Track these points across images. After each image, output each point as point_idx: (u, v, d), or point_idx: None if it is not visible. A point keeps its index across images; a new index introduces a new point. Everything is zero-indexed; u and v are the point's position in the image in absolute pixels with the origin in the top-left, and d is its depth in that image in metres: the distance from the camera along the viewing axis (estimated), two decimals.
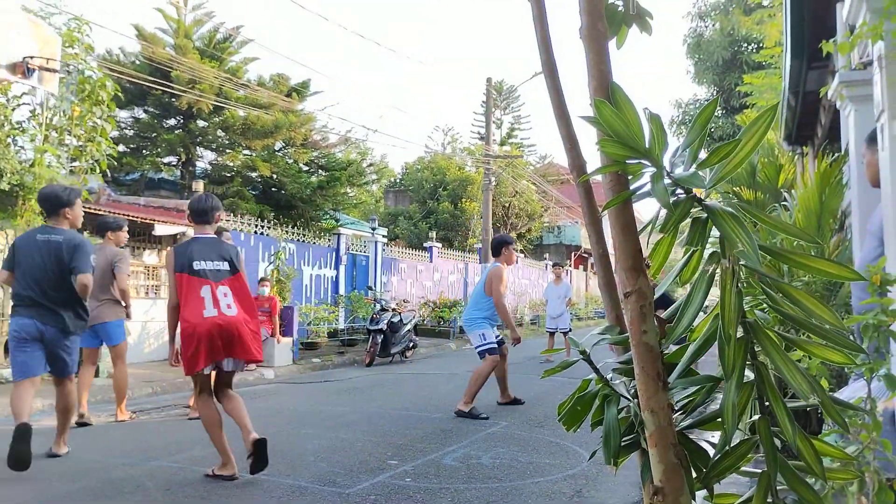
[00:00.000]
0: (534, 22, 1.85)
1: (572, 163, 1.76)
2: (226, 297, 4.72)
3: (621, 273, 1.48)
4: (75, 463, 4.97)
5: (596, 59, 1.60)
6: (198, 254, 4.74)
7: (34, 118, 9.79)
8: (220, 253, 4.84)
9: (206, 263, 4.73)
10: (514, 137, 39.08)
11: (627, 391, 1.52)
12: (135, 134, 17.97)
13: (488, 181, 23.33)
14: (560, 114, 1.82)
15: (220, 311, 4.64)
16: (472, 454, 5.28)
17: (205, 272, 4.71)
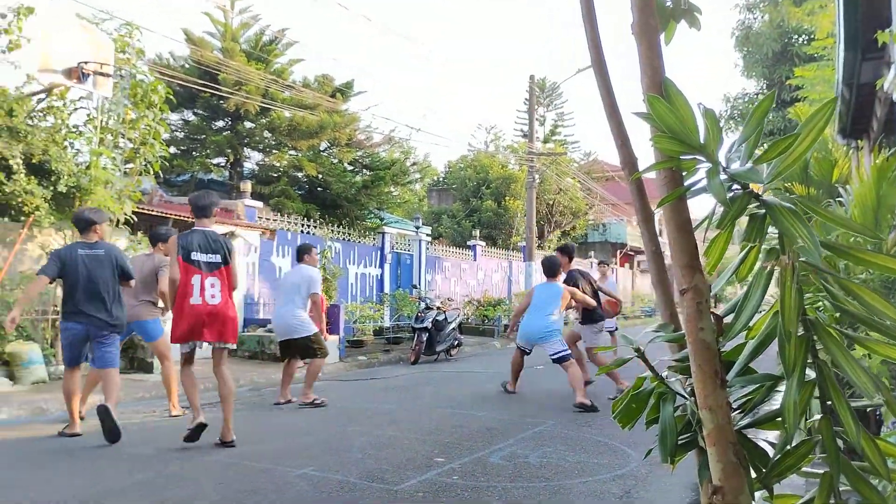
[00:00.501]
0: (583, 20, 1.84)
1: (624, 160, 1.75)
2: (213, 286, 5.42)
3: (677, 270, 1.46)
4: (131, 456, 5.11)
5: (648, 55, 1.59)
6: (196, 245, 5.42)
7: (90, 122, 10.09)
8: (216, 246, 5.49)
9: (202, 255, 5.42)
10: (557, 134, 38.81)
11: (683, 389, 1.50)
12: (185, 136, 18.40)
13: (532, 179, 23.23)
14: (611, 111, 1.80)
15: (205, 299, 5.38)
16: (519, 453, 5.27)
17: (199, 263, 5.40)
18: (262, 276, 13.87)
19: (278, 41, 18.72)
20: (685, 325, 1.43)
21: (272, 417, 7.04)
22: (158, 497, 4.06)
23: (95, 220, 5.98)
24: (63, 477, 4.56)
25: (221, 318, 5.45)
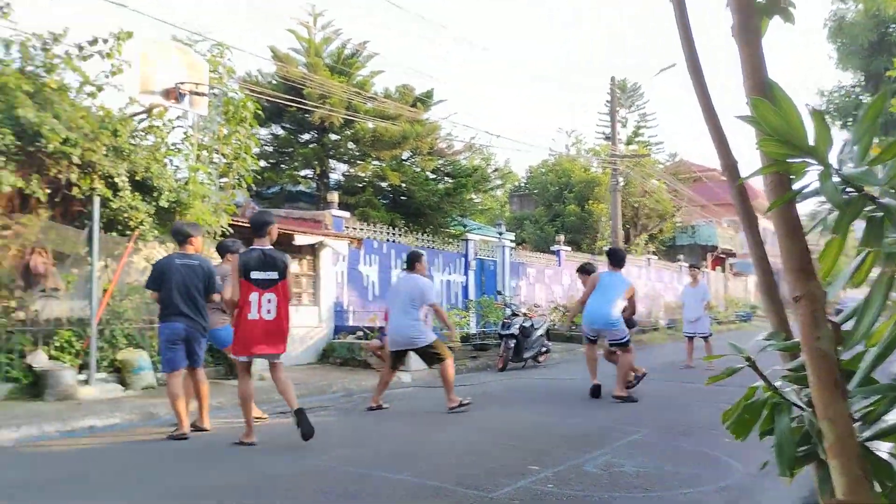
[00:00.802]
0: (676, 22, 1.82)
1: (724, 163, 1.71)
2: (269, 302, 5.81)
3: (788, 276, 1.42)
4: (231, 460, 5.33)
5: (750, 57, 1.55)
6: (255, 264, 5.83)
7: (187, 139, 10.61)
8: (272, 263, 5.87)
9: (259, 273, 5.81)
10: (640, 136, 38.00)
11: (799, 399, 1.45)
12: (274, 150, 19.05)
13: (615, 182, 22.82)
14: (708, 114, 1.77)
15: (261, 315, 5.78)
16: (615, 462, 5.18)
17: (256, 281, 5.80)
18: (350, 285, 14.19)
19: (359, 54, 19.14)
20: (800, 334, 1.39)
21: (366, 423, 7.18)
22: (263, 499, 4.21)
23: (192, 233, 6.50)
24: (168, 478, 4.79)
25: (276, 332, 5.88)
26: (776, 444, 1.42)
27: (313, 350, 13.06)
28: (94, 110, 9.00)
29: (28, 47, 8.48)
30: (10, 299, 8.53)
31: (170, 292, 6.18)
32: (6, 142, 7.42)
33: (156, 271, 6.33)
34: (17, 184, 7.76)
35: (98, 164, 8.30)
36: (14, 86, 7.80)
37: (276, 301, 5.83)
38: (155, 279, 6.28)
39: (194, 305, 6.25)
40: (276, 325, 5.86)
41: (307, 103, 16.19)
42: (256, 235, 6.04)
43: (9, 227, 8.23)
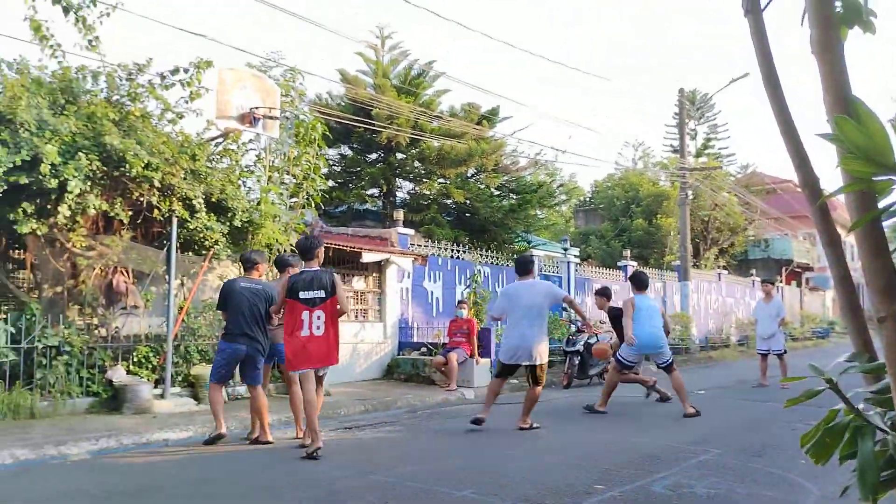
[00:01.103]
0: (752, 37, 1.79)
1: (804, 181, 1.67)
2: (318, 319, 6.20)
3: (873, 296, 1.38)
4: (303, 474, 5.42)
5: (830, 72, 1.52)
6: (303, 285, 6.24)
7: (259, 161, 10.95)
8: (321, 282, 6.27)
9: (308, 293, 6.21)
10: (710, 148, 37.13)
11: (884, 423, 1.40)
12: (342, 169, 19.45)
13: (684, 195, 22.34)
14: (786, 129, 1.73)
15: (312, 331, 6.18)
16: (684, 482, 5.04)
17: (306, 300, 6.20)
18: (414, 301, 14.29)
19: (426, 74, 19.40)
20: (885, 355, 1.34)
21: (430, 439, 7.21)
22: None
23: (258, 261, 7.05)
24: (237, 491, 4.91)
25: (325, 347, 6.28)
26: (858, 468, 1.37)
27: (378, 366, 13.20)
28: (174, 136, 9.40)
29: (114, 78, 8.94)
30: (93, 317, 8.95)
31: (235, 314, 6.64)
32: (93, 167, 7.82)
33: (222, 294, 6.83)
34: (102, 207, 8.16)
35: (177, 186, 8.65)
36: (101, 115, 8.23)
37: (325, 318, 6.24)
38: (220, 300, 6.82)
39: (257, 327, 6.69)
40: (325, 340, 6.27)
41: (375, 123, 16.50)
42: (305, 259, 6.49)
43: (94, 247, 8.64)
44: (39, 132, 7.48)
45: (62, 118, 7.87)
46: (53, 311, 8.52)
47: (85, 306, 8.88)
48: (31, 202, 7.65)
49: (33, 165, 7.34)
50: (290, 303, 6.24)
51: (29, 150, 7.27)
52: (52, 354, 8.05)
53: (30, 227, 7.68)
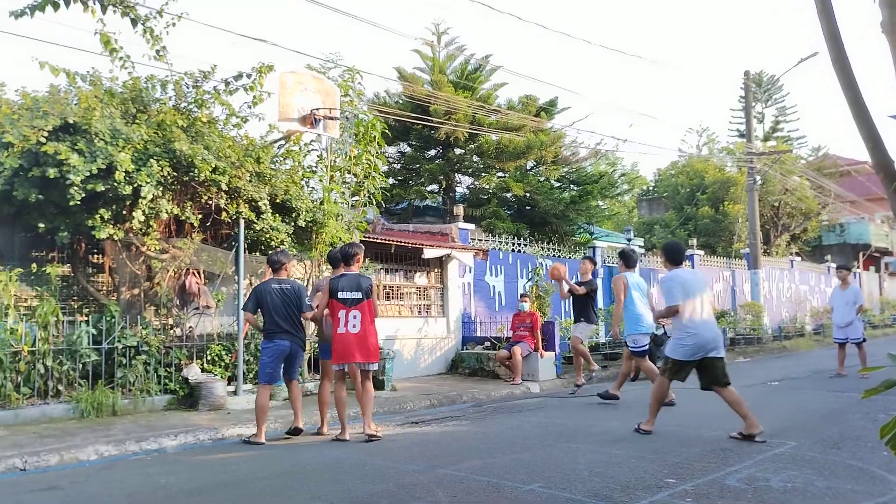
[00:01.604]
0: (819, 17, 1.74)
1: (876, 163, 1.62)
2: (355, 318, 6.75)
3: None
4: (370, 468, 5.53)
5: None
6: (341, 286, 6.82)
7: (321, 161, 11.15)
8: (358, 285, 6.83)
9: (347, 294, 6.79)
10: (779, 131, 35.90)
11: None
12: (401, 167, 19.62)
13: (752, 181, 21.68)
14: (857, 112, 1.68)
15: (348, 329, 6.72)
16: (759, 476, 4.92)
17: (344, 300, 6.77)
18: (476, 296, 14.33)
19: (482, 68, 19.37)
20: None
21: (497, 433, 7.23)
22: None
23: (285, 261, 7.35)
24: (306, 485, 5.04)
25: (363, 343, 6.76)
26: None
27: (442, 360, 13.29)
28: (239, 140, 9.68)
29: (181, 86, 9.25)
30: (168, 317, 9.30)
31: (271, 314, 6.98)
32: (164, 173, 8.12)
33: (254, 296, 7.13)
34: (174, 211, 8.47)
35: (243, 189, 8.90)
36: (170, 122, 8.54)
37: (361, 317, 6.76)
38: (253, 302, 7.10)
39: (294, 323, 7.05)
40: (363, 337, 6.75)
41: (433, 120, 16.57)
42: (347, 263, 7.02)
43: (167, 250, 8.98)
44: (113, 141, 7.81)
45: (134, 127, 8.20)
46: (131, 312, 8.90)
47: (160, 307, 9.24)
48: (108, 208, 8.00)
49: (108, 173, 7.67)
50: (332, 302, 6.84)
51: (104, 158, 7.60)
52: (132, 354, 8.41)
53: (107, 233, 8.04)
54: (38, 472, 5.72)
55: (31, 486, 5.28)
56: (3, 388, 7.47)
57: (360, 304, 6.78)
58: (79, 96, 8.31)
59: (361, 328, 6.76)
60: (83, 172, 7.44)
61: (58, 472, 5.71)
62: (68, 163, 7.38)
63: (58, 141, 7.53)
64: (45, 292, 8.28)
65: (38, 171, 7.46)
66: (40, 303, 7.99)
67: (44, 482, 5.37)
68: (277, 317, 6.97)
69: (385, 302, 12.67)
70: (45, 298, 8.04)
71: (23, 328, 7.69)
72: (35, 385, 7.76)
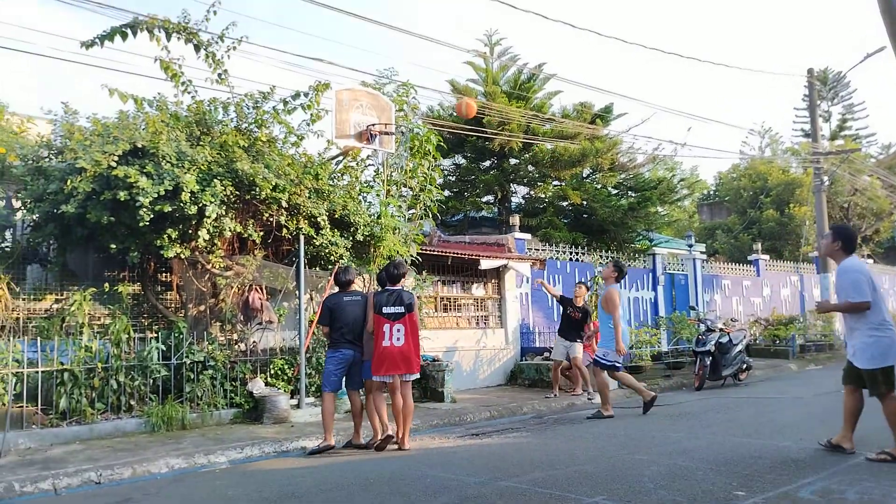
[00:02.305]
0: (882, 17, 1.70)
1: None
2: (398, 331, 6.97)
3: None
4: (432, 480, 5.54)
5: None
6: (386, 301, 7.09)
7: (377, 176, 11.30)
8: (399, 301, 7.08)
9: (390, 308, 7.03)
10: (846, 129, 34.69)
11: None
12: (456, 179, 19.69)
13: (819, 181, 20.95)
14: None
15: (392, 342, 6.95)
16: (834, 488, 4.74)
17: (388, 314, 7.01)
18: (534, 306, 14.25)
19: (536, 77, 19.32)
20: None
21: (559, 444, 7.16)
22: None
23: (352, 279, 7.67)
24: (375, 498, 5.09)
25: (405, 355, 6.98)
26: None
27: (501, 371, 13.24)
28: (298, 157, 9.90)
29: (242, 107, 9.53)
30: (233, 332, 9.55)
31: (341, 325, 7.24)
32: (227, 192, 8.36)
33: (326, 309, 7.37)
34: (237, 229, 8.71)
35: (302, 205, 9.09)
36: (232, 143, 8.80)
37: (404, 330, 7.00)
38: (326, 316, 7.35)
39: (358, 335, 7.29)
40: (406, 351, 6.99)
41: (486, 131, 16.61)
42: (391, 282, 7.27)
43: (231, 267, 9.23)
44: (179, 163, 8.08)
45: (198, 149, 8.47)
46: (198, 328, 9.17)
47: (225, 323, 9.48)
48: (175, 228, 8.28)
49: (175, 194, 7.94)
50: (376, 317, 7.09)
51: (171, 180, 7.87)
52: (199, 369, 8.65)
53: (174, 251, 8.31)
54: (112, 485, 5.94)
55: (105, 498, 5.48)
56: (79, 404, 7.78)
57: (403, 317, 7.02)
58: (146, 121, 8.64)
59: (405, 342, 7.01)
60: (152, 194, 7.71)
61: (131, 485, 5.91)
62: (138, 185, 7.67)
63: (127, 165, 7.84)
64: (116, 310, 8.60)
65: (109, 194, 7.78)
66: (113, 321, 8.30)
67: (118, 495, 5.57)
68: (345, 328, 7.23)
69: (443, 314, 12.72)
70: (118, 316, 8.35)
71: (97, 345, 8.01)
72: (108, 400, 8.06)
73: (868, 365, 5.73)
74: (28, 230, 8.64)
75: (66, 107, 9.06)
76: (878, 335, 5.71)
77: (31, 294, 8.81)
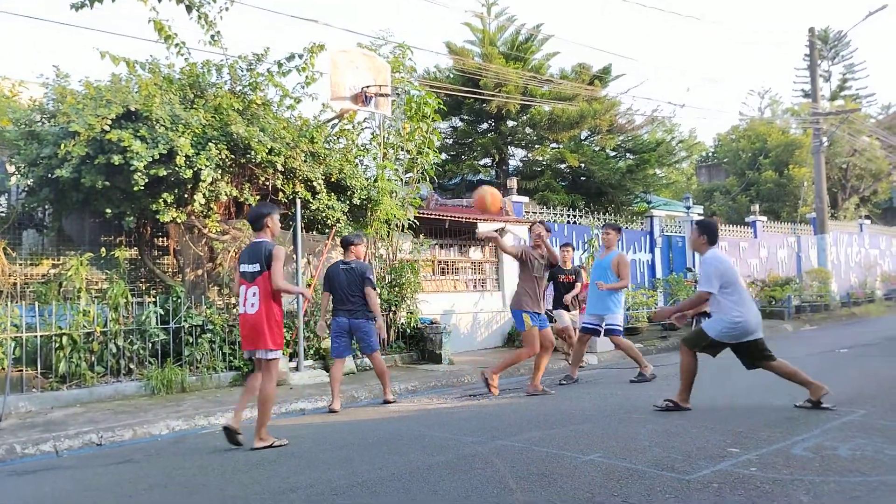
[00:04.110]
0: None
1: None
2: (253, 296, 5.44)
3: None
4: (432, 440, 5.61)
5: None
6: (243, 257, 5.63)
7: (374, 139, 11.22)
8: (257, 255, 5.48)
9: (246, 266, 5.53)
10: (847, 89, 34.36)
11: None
12: (453, 142, 19.57)
13: (819, 142, 20.87)
14: None
15: (246, 308, 5.48)
16: (826, 444, 4.80)
17: (244, 273, 5.55)
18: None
19: (533, 38, 19.08)
20: None
21: (555, 405, 7.23)
22: (461, 476, 4.41)
23: (355, 242, 7.64)
24: (369, 457, 5.15)
25: (257, 327, 5.43)
26: None
27: (499, 334, 13.33)
28: (293, 120, 9.81)
29: (236, 69, 9.41)
30: (231, 296, 9.58)
31: (335, 293, 7.43)
32: (222, 156, 8.31)
33: (325, 277, 7.57)
34: (233, 193, 8.67)
35: (298, 169, 9.04)
36: (226, 106, 8.71)
37: (259, 294, 5.44)
38: (326, 284, 7.55)
39: (354, 301, 7.38)
40: (257, 320, 5.45)
41: (483, 93, 16.46)
42: (254, 229, 5.73)
43: (227, 231, 9.21)
44: (173, 127, 8.01)
45: (192, 112, 8.39)
46: (196, 292, 9.19)
47: (223, 287, 9.50)
48: (170, 192, 8.24)
49: (170, 158, 7.89)
50: (237, 277, 5.67)
51: (165, 144, 7.82)
52: (197, 333, 8.70)
53: (171, 216, 8.29)
54: (113, 447, 6.01)
55: (107, 459, 5.55)
56: (79, 368, 7.83)
57: (258, 278, 5.46)
58: (139, 84, 8.54)
59: (258, 308, 5.45)
60: (146, 158, 7.66)
61: (132, 447, 5.98)
62: (131, 149, 7.61)
63: (121, 128, 7.77)
64: (114, 275, 8.62)
65: (103, 158, 7.73)
66: (110, 285, 8.31)
67: (119, 456, 5.64)
68: (340, 296, 7.40)
69: (440, 277, 12.75)
70: (115, 281, 8.37)
71: (95, 310, 8.04)
72: (108, 364, 8.12)
73: (711, 332, 6.34)
74: (23, 195, 8.60)
75: (57, 70, 8.95)
76: (732, 312, 6.18)
77: (28, 259, 8.81)
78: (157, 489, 4.53)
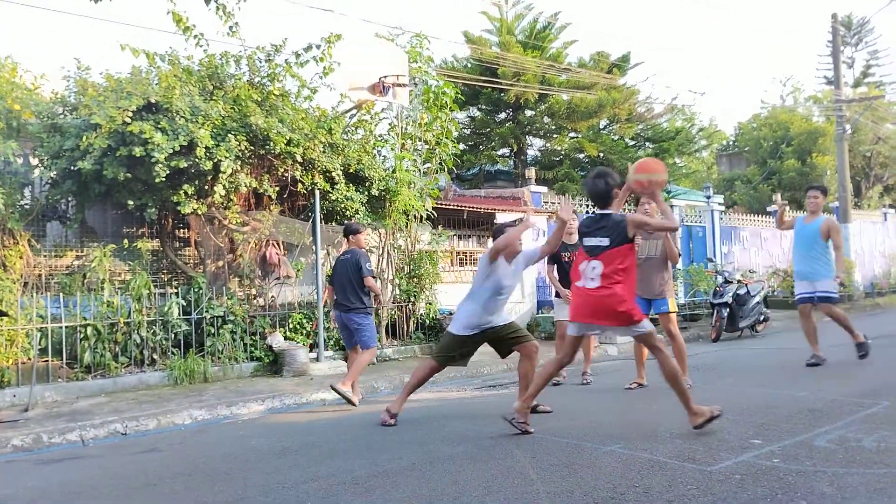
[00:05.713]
0: None
1: None
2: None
3: None
4: (452, 430, 5.62)
5: None
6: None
7: (392, 129, 11.21)
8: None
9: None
10: (870, 76, 33.84)
11: None
12: (472, 132, 19.53)
13: (842, 130, 20.56)
14: None
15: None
16: (850, 436, 4.75)
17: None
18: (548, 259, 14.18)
19: (552, 26, 18.96)
20: None
21: (576, 396, 7.22)
22: (481, 465, 4.42)
23: (358, 230, 7.55)
24: (387, 444, 5.18)
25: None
26: None
27: None
28: (311, 111, 9.83)
29: (254, 60, 9.44)
30: (251, 287, 9.64)
31: (334, 285, 7.36)
32: (241, 147, 8.34)
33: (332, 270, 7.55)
34: (252, 184, 8.72)
35: (317, 160, 9.06)
36: (245, 97, 8.74)
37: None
38: (330, 277, 7.55)
39: (348, 294, 7.18)
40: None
41: (502, 82, 16.39)
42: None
43: (247, 223, 9.27)
44: (193, 118, 8.06)
45: (212, 103, 8.43)
46: (217, 283, 9.27)
47: (244, 278, 9.57)
48: (191, 184, 8.30)
49: (190, 150, 7.94)
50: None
51: (185, 135, 7.86)
52: (219, 324, 8.77)
53: (191, 208, 8.35)
54: (138, 436, 6.09)
55: (132, 448, 5.62)
56: (103, 358, 7.93)
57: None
58: (159, 76, 8.59)
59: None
60: (167, 150, 7.72)
61: (156, 436, 6.06)
62: (153, 141, 7.67)
63: (142, 120, 7.83)
64: (136, 266, 8.70)
65: (125, 150, 7.79)
66: (133, 276, 8.40)
67: (144, 445, 5.71)
68: (338, 289, 7.31)
69: (458, 268, 12.74)
70: (138, 272, 8.45)
71: (118, 301, 8.13)
72: (131, 354, 8.21)
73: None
74: (46, 187, 8.71)
75: (78, 63, 9.02)
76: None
77: (52, 251, 8.91)
78: (181, 478, 4.58)
